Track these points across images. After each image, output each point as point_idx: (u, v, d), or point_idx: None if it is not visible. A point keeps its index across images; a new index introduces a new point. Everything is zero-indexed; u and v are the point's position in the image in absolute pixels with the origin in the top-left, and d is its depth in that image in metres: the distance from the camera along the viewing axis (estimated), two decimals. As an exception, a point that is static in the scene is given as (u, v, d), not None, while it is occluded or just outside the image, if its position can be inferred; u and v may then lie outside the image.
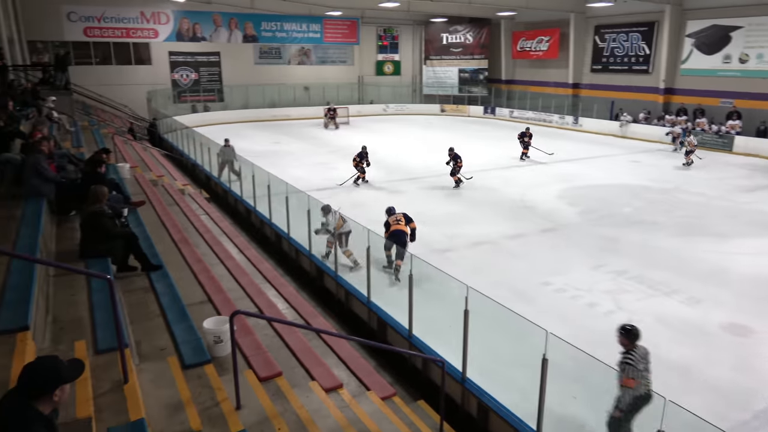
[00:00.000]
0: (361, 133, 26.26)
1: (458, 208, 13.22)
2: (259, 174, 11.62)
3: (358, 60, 35.49)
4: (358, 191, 14.74)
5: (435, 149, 20.90)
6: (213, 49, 30.70)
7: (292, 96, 32.65)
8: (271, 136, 24.50)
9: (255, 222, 11.89)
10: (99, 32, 27.30)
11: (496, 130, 28.61)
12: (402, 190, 15.09)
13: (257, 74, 31.83)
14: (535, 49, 32.36)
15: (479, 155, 20.47)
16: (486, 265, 9.82)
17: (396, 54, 36.67)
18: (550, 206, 13.60)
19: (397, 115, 34.20)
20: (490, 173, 17.38)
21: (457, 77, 36.22)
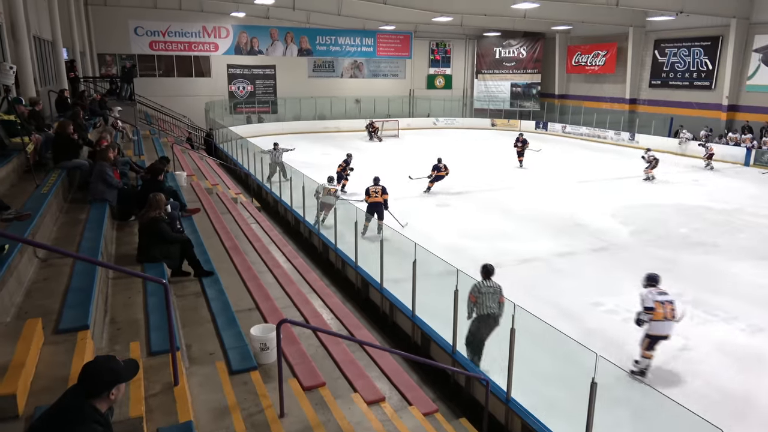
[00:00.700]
0: (408, 146, 26.35)
1: (507, 223, 13.03)
2: (308, 184, 11.82)
3: (410, 73, 35.71)
4: (406, 203, 14.77)
5: (483, 164, 20.70)
6: (269, 63, 31.58)
7: (343, 108, 33.14)
8: (322, 148, 24.87)
9: (303, 232, 12.06)
10: (163, 46, 28.63)
11: (547, 145, 28.17)
12: (449, 204, 15.04)
13: (310, 87, 32.52)
14: (591, 64, 31.72)
15: (529, 171, 20.18)
16: (534, 283, 9.67)
17: (447, 68, 36.68)
18: (602, 224, 13.32)
19: (447, 129, 34.10)
20: (541, 189, 17.18)
21: (509, 91, 35.82)
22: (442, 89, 36.66)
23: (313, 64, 32.99)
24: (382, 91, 34.60)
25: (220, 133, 23.17)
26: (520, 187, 17.37)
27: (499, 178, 18.95)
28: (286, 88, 31.84)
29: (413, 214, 13.78)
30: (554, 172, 19.93)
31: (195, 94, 29.35)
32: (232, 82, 30.93)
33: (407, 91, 35.85)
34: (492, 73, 36.09)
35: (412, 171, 17.71)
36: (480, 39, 36.02)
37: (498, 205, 15.02)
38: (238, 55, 30.64)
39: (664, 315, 6.66)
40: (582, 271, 10.36)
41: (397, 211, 13.18)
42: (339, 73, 33.90)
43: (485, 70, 36.23)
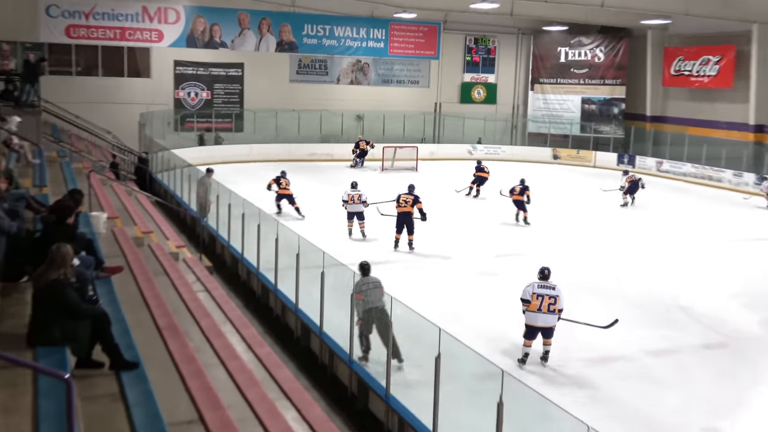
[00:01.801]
0: (427, 180, 26.49)
1: (578, 304, 12.91)
2: (285, 237, 11.84)
3: (436, 80, 36.46)
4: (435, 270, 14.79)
5: (541, 214, 20.75)
6: (234, 59, 32.34)
7: (338, 127, 33.65)
8: (308, 183, 25.09)
9: (274, 306, 11.99)
10: (85, 32, 29.41)
11: (640, 190, 28.14)
12: (494, 271, 15.07)
13: (293, 96, 33.15)
14: (698, 73, 32.26)
15: (610, 228, 20.17)
16: (615, 395, 9.57)
17: (490, 74, 37.46)
18: (718, 309, 13.32)
19: (488, 160, 34.23)
20: (628, 256, 17.22)
21: (580, 110, 36.38)
22: (482, 104, 37.31)
23: (298, 64, 33.73)
24: (396, 104, 35.23)
25: (159, 158, 23.48)
26: (598, 252, 17.42)
27: (565, 236, 19.01)
28: (258, 97, 32.48)
29: (444, 279, 13.77)
30: (647, 231, 19.97)
31: (126, 102, 29.94)
32: (180, 86, 31.63)
33: (431, 105, 36.49)
34: (555, 83, 36.75)
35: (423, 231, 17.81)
36: (538, 35, 36.89)
37: (564, 276, 14.87)
38: (191, 49, 31.45)
39: (539, 307, 10.32)
40: (689, 379, 10.25)
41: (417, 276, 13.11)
42: (334, 77, 34.59)
43: (545, 78, 36.92)
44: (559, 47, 36.37)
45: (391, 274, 14.57)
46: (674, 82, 33.60)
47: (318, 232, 16.57)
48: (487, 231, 19.26)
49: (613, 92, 35.86)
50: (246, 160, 29.97)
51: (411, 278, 14.32)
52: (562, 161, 34.74)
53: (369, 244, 17.21)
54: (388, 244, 16.90)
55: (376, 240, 17.51)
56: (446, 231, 18.52)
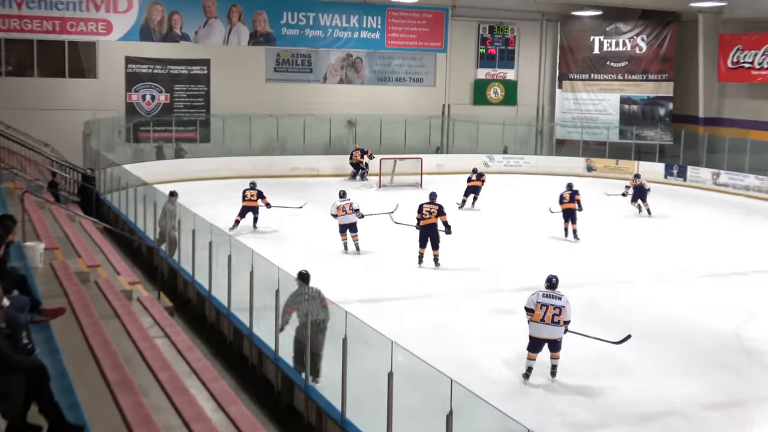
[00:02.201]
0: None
1: (615, 346, 12.92)
2: (262, 270, 11.84)
3: (444, 77, 36.69)
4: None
5: (581, 246, 20.91)
6: (199, 56, 32.50)
7: (325, 135, 33.79)
8: (287, 202, 25.09)
9: (250, 355, 11.95)
10: (17, 24, 29.51)
11: (685, 204, 28.12)
12: (509, 308, 15.03)
13: (270, 98, 33.25)
14: (761, 65, 32.42)
15: (654, 251, 20.23)
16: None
17: (509, 69, 37.69)
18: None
19: (509, 174, 34.60)
20: (678, 286, 17.29)
21: (618, 111, 36.52)
22: (499, 105, 37.49)
23: (276, 60, 33.89)
24: (395, 106, 35.32)
25: (108, 175, 23.48)
26: (640, 281, 17.53)
27: (601, 262, 19.19)
28: (228, 100, 32.53)
29: (460, 317, 13.86)
30: (701, 255, 20.08)
31: (68, 107, 29.99)
32: (133, 88, 31.72)
33: (438, 107, 36.67)
34: (588, 79, 36.95)
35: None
36: (567, 21, 37.17)
37: (599, 311, 15.01)
38: (147, 42, 31.63)
39: (542, 317, 11.40)
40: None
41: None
42: (320, 75, 34.74)
43: (576, 74, 37.12)
44: (593, 36, 36.60)
45: (397, 311, 14.82)
46: (732, 76, 33.71)
47: (304, 263, 16.54)
48: (513, 254, 19.50)
49: (659, 89, 36.01)
50: (214, 176, 30.04)
51: (420, 316, 14.46)
52: (597, 173, 34.77)
53: (372, 276, 17.58)
54: (394, 276, 17.34)
55: (378, 270, 17.89)
56: (464, 257, 18.86)
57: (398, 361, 8.47)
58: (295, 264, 13.91)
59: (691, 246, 21.32)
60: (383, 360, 8.05)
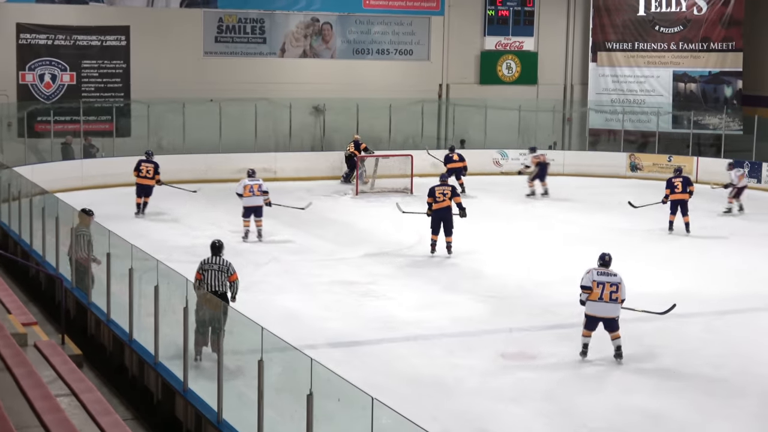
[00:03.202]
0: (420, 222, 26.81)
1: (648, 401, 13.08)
2: (198, 301, 11.88)
3: (440, 49, 36.87)
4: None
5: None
6: (115, 22, 32.56)
7: (284, 126, 33.92)
8: (233, 218, 25.16)
9: (185, 419, 11.96)
10: None
11: (759, 214, 28.41)
12: (539, 352, 15.19)
13: (209, 78, 33.44)
14: None
15: (728, 281, 20.57)
16: None
17: (528, 37, 37.91)
18: None
19: (526, 177, 34.63)
20: (759, 321, 17.55)
21: (671, 92, 36.78)
22: (513, 84, 37.74)
23: (218, 28, 34.02)
24: (377, 87, 35.48)
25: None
26: (705, 313, 17.74)
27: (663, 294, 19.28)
28: (154, 81, 32.62)
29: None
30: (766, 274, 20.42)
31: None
32: (27, 66, 31.79)
33: (434, 88, 36.89)
34: (631, 49, 37.19)
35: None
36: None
37: (652, 355, 15.23)
38: (45, 4, 31.67)
39: (600, 295, 14.14)
40: None
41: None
42: (276, 46, 34.88)
43: (615, 42, 37.37)
44: (635, -6, 36.97)
45: (382, 354, 14.91)
46: (820, 44, 34.09)
47: (257, 297, 16.79)
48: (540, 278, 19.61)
49: (724, 63, 36.35)
50: (133, 181, 29.84)
51: (416, 361, 14.57)
52: (644, 174, 35.03)
53: (356, 306, 17.85)
54: (383, 306, 17.62)
55: (343, 312, 17.74)
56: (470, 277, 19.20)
57: (382, 425, 8.52)
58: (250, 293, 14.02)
59: (763, 268, 21.45)
60: (362, 423, 8.07)
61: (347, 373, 10.12)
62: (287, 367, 10.27)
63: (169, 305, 12.62)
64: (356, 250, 22.43)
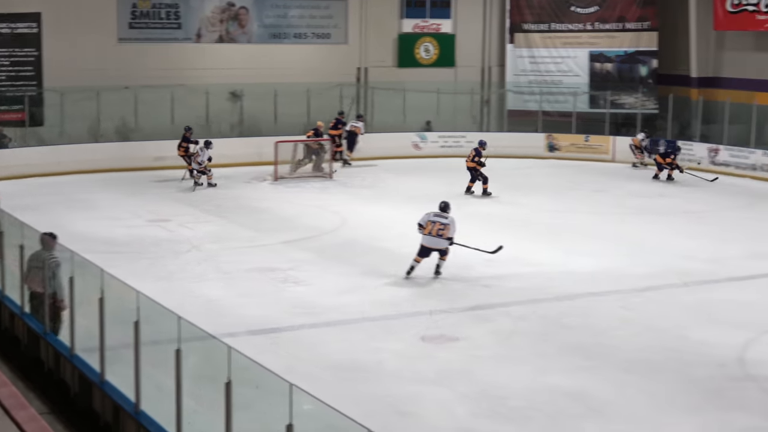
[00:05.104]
0: (349, 200, 26.99)
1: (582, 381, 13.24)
2: (117, 296, 11.77)
3: (358, 32, 36.83)
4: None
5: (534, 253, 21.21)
6: (26, 8, 31.93)
7: (202, 112, 33.67)
8: (152, 206, 25.15)
9: (102, 411, 11.84)
10: None
11: (676, 190, 28.89)
12: (460, 335, 15.28)
13: (124, 64, 33.00)
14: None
15: (638, 260, 20.83)
16: None
17: (445, 19, 38.01)
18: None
19: (445, 158, 34.85)
20: (666, 298, 17.77)
21: (588, 72, 37.10)
22: (432, 66, 37.82)
23: (132, 13, 33.60)
24: (295, 71, 35.27)
25: None
26: (615, 291, 17.95)
27: (563, 269, 19.57)
28: (67, 69, 32.07)
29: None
30: (693, 257, 20.58)
31: None
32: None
33: (352, 71, 36.86)
34: (548, 30, 37.45)
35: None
36: (516, -45, 37.62)
37: (562, 332, 15.44)
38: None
39: (430, 231, 18.02)
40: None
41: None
42: (192, 32, 34.56)
43: (531, 24, 37.63)
44: (552, -28, 37.20)
45: (303, 340, 14.93)
46: (732, 23, 34.30)
47: (177, 286, 16.93)
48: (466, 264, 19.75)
49: (639, 42, 36.69)
50: (50, 171, 29.72)
51: (337, 347, 14.57)
52: (562, 153, 35.36)
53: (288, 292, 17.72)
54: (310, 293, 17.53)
55: (263, 299, 17.68)
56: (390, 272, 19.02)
57: (302, 411, 8.54)
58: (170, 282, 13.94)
59: (678, 245, 21.76)
60: (282, 410, 8.09)
61: (268, 361, 10.16)
62: (206, 356, 10.30)
63: (84, 296, 12.53)
64: (276, 236, 22.35)
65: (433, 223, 18.13)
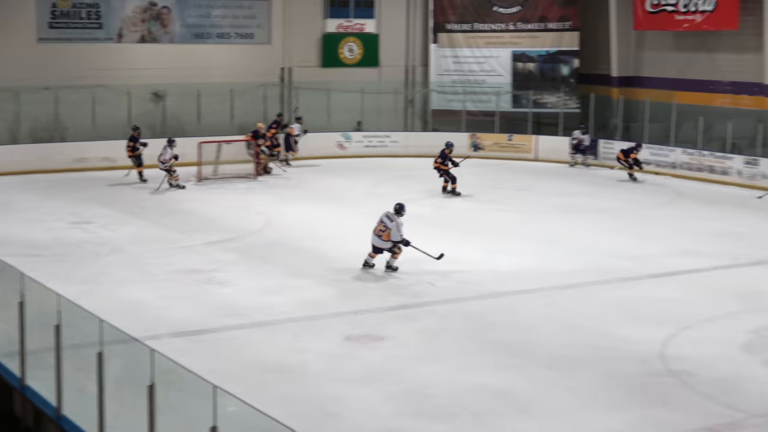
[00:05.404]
0: (273, 201, 26.83)
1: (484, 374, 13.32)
2: (38, 299, 11.63)
3: (281, 32, 36.72)
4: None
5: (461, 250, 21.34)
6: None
7: (124, 114, 33.28)
8: (73, 208, 24.89)
9: (23, 416, 11.70)
10: None
11: (599, 189, 29.19)
12: (386, 334, 15.32)
13: (44, 65, 32.60)
14: (687, 8, 33.18)
15: (561, 258, 21.04)
16: None
17: (368, 19, 38.04)
18: (728, 369, 13.84)
19: (370, 158, 35.05)
20: (589, 295, 18.03)
21: (510, 72, 37.31)
22: (357, 66, 37.86)
23: (51, 13, 33.12)
24: (218, 72, 35.17)
25: None
26: (540, 290, 18.15)
27: (485, 270, 19.71)
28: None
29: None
30: (615, 255, 20.86)
31: None
32: None
33: (276, 70, 36.78)
34: (470, 30, 37.59)
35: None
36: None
37: (489, 331, 15.51)
38: None
39: (374, 229, 18.74)
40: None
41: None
42: (113, 32, 34.16)
43: (455, 24, 37.74)
44: (476, -24, 37.26)
45: (229, 342, 14.87)
46: (652, 23, 34.70)
47: (99, 289, 16.76)
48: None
49: (561, 42, 36.95)
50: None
51: (261, 348, 14.50)
52: (486, 153, 35.26)
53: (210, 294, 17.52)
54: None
55: (187, 300, 17.55)
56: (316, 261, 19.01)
57: (227, 413, 8.48)
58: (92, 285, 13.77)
59: (601, 242, 22.12)
60: (206, 412, 8.03)
61: (192, 363, 10.13)
62: (128, 359, 10.22)
63: (4, 300, 12.37)
64: (200, 237, 22.20)
65: (379, 222, 18.64)
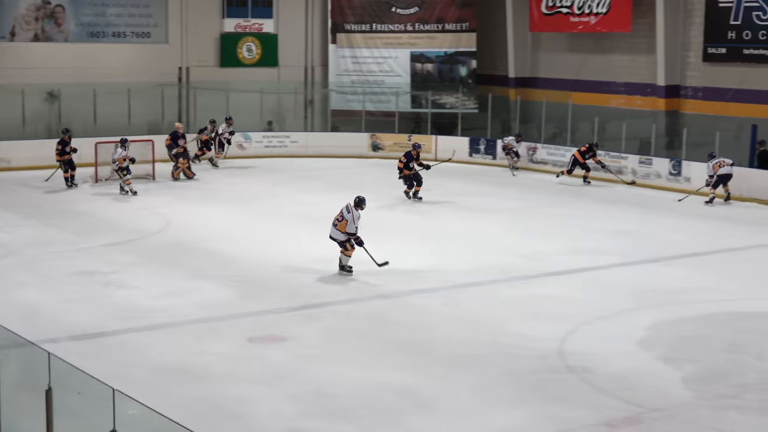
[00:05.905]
0: (175, 203, 26.74)
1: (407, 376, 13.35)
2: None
3: (178, 31, 36.50)
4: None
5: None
6: None
7: (18, 114, 32.94)
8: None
9: None
10: None
11: (496, 189, 29.47)
12: (288, 335, 15.23)
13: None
14: (582, 11, 33.74)
15: (459, 258, 21.18)
16: None
17: (267, 19, 37.91)
18: (626, 365, 14.05)
19: (269, 158, 34.95)
20: (487, 293, 18.25)
21: (409, 72, 37.43)
22: (255, 66, 37.74)
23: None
24: (115, 71, 34.80)
25: None
26: (437, 288, 18.32)
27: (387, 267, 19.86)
28: None
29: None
30: (512, 253, 21.13)
31: None
32: None
33: (174, 70, 36.52)
34: (369, 31, 37.66)
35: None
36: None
37: (386, 329, 15.56)
38: None
39: (333, 221, 18.68)
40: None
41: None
42: (6, 30, 33.62)
43: (353, 24, 37.77)
44: (374, -23, 37.33)
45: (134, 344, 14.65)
46: (547, 25, 35.17)
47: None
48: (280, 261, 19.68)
49: (459, 43, 37.23)
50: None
51: (162, 350, 14.32)
52: (386, 153, 35.48)
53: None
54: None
55: (85, 303, 17.31)
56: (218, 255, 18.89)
57: (127, 416, 8.37)
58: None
59: (500, 241, 22.38)
60: (106, 415, 7.91)
61: (91, 366, 10.01)
62: (25, 363, 10.02)
63: None
64: (97, 239, 21.91)
65: (339, 213, 18.51)
